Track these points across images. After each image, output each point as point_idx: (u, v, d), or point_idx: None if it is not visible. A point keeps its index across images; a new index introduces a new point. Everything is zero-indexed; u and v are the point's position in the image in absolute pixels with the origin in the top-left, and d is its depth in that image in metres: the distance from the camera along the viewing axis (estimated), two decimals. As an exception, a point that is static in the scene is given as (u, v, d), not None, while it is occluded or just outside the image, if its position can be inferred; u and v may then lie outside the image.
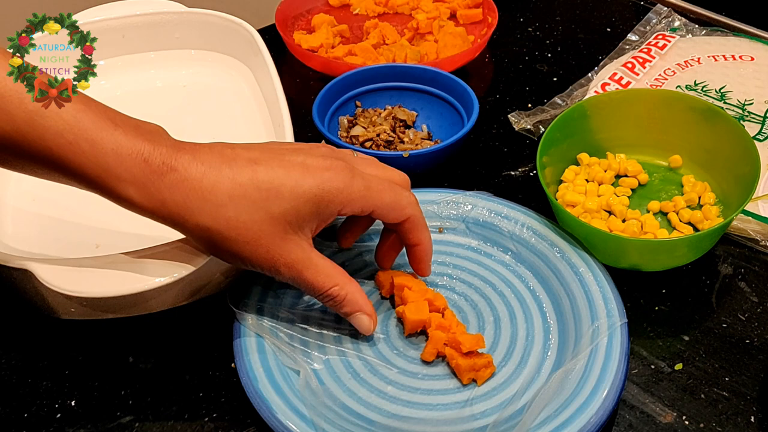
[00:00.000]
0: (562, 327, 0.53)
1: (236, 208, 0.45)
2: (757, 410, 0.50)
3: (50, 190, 0.64)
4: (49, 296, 0.51)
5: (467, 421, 0.48)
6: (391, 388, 0.51)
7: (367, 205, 0.49)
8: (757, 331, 0.55)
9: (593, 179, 0.64)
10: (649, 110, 0.65)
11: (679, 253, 0.57)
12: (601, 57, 0.81)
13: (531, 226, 0.59)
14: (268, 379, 0.49)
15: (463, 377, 0.50)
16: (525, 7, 0.91)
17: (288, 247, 0.47)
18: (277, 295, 0.55)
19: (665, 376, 0.53)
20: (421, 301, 0.53)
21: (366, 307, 0.51)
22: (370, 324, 0.51)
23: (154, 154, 0.44)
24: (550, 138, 0.62)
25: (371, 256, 0.58)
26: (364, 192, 0.48)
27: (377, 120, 0.71)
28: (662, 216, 0.63)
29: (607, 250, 0.57)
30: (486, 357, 0.51)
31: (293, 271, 0.48)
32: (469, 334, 0.52)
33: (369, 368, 0.52)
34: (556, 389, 0.48)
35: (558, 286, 0.55)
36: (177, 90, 0.75)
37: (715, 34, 0.81)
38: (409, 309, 0.53)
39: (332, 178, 0.47)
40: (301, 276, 0.48)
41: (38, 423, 0.51)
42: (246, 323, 0.52)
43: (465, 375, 0.50)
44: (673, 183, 0.65)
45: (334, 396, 0.50)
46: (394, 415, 0.49)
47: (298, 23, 0.88)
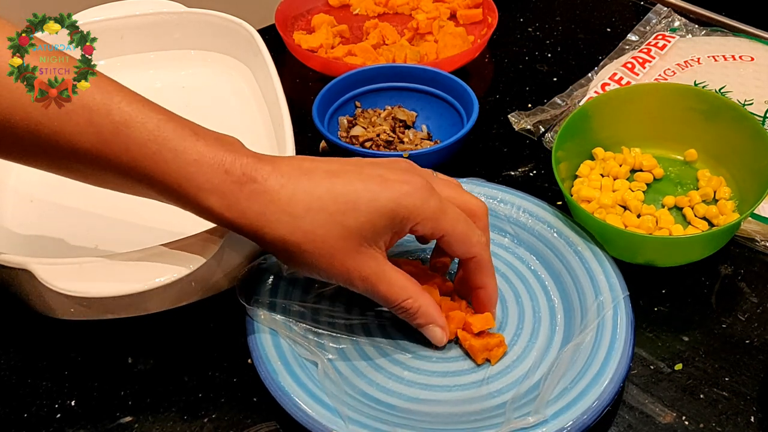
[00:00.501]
0: (567, 303, 0.55)
1: (313, 221, 0.45)
2: (756, 410, 0.50)
3: (50, 191, 0.64)
4: (49, 296, 0.51)
5: (486, 399, 0.50)
6: (407, 373, 0.52)
7: (438, 229, 0.48)
8: (756, 332, 0.55)
9: (608, 174, 0.64)
10: (663, 105, 0.65)
11: (695, 248, 0.58)
12: (601, 57, 0.81)
13: (527, 209, 0.60)
14: (287, 372, 0.49)
15: (477, 357, 0.52)
16: (525, 7, 0.91)
17: (362, 261, 0.47)
18: (287, 289, 0.55)
19: (665, 376, 0.53)
20: (430, 285, 0.54)
21: (439, 319, 0.51)
22: (443, 336, 0.51)
23: (234, 164, 0.45)
24: (565, 133, 0.62)
25: None
26: (438, 213, 0.47)
27: (377, 120, 0.71)
28: (677, 211, 0.63)
29: (623, 246, 0.57)
30: (498, 336, 0.52)
31: (368, 284, 0.48)
32: (479, 315, 0.53)
33: (383, 355, 0.53)
34: (568, 362, 0.50)
35: (559, 265, 0.57)
36: (176, 90, 0.75)
37: (715, 34, 0.81)
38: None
39: (409, 192, 0.46)
40: (375, 289, 0.48)
41: (38, 423, 0.51)
42: (258, 319, 0.52)
43: (479, 355, 0.52)
44: (689, 177, 0.65)
45: (353, 384, 0.51)
46: (414, 398, 0.50)
47: (298, 23, 0.88)
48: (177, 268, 0.49)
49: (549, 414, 0.46)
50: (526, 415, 0.46)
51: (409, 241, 0.60)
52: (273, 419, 0.50)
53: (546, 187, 0.67)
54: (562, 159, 0.61)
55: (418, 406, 0.50)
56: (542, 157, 0.70)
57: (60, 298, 0.51)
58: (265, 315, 0.52)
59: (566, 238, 0.57)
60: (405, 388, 0.51)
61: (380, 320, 0.55)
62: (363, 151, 0.65)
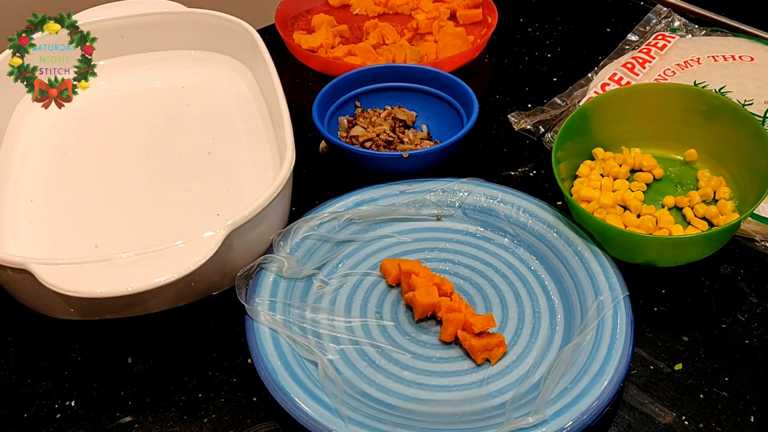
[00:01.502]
0: (567, 303, 0.55)
1: None
2: (756, 410, 0.50)
3: (49, 191, 0.64)
4: (49, 296, 0.51)
5: (486, 399, 0.50)
6: (407, 373, 0.52)
7: None
8: (756, 332, 0.55)
9: (608, 174, 0.64)
10: (663, 105, 0.65)
11: (695, 248, 0.58)
12: (600, 57, 0.81)
13: (526, 208, 0.60)
14: (287, 372, 0.49)
15: (477, 357, 0.52)
16: (525, 7, 0.91)
17: None
18: (287, 289, 0.55)
19: (665, 376, 0.53)
20: (429, 285, 0.54)
21: None
22: None
23: None
24: (565, 133, 0.62)
25: (376, 246, 0.60)
26: None
27: (377, 120, 0.71)
28: (677, 211, 0.63)
29: (623, 246, 0.57)
30: (498, 336, 0.52)
31: None
32: (480, 315, 0.53)
33: (383, 355, 0.53)
34: (568, 362, 0.50)
35: (559, 265, 0.57)
36: (176, 90, 0.75)
37: (715, 35, 0.81)
38: (419, 293, 0.54)
39: None
40: None
41: (38, 423, 0.51)
42: (258, 319, 0.52)
43: (479, 355, 0.52)
44: (689, 177, 0.65)
45: (352, 384, 0.51)
46: (414, 398, 0.50)
47: (298, 23, 0.88)
48: (177, 268, 0.49)
49: (549, 414, 0.46)
50: (526, 415, 0.46)
51: (408, 242, 0.61)
52: (273, 419, 0.50)
53: (546, 187, 0.67)
54: (561, 159, 0.61)
55: (418, 406, 0.50)
56: (542, 157, 0.70)
57: (60, 298, 0.51)
58: (265, 315, 0.52)
59: (566, 238, 0.57)
60: (405, 388, 0.51)
61: (380, 321, 0.55)
62: (363, 152, 0.65)
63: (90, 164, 0.66)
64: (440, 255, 0.60)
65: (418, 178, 0.63)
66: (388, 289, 0.57)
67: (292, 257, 0.57)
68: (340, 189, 0.63)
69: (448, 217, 0.62)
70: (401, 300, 0.56)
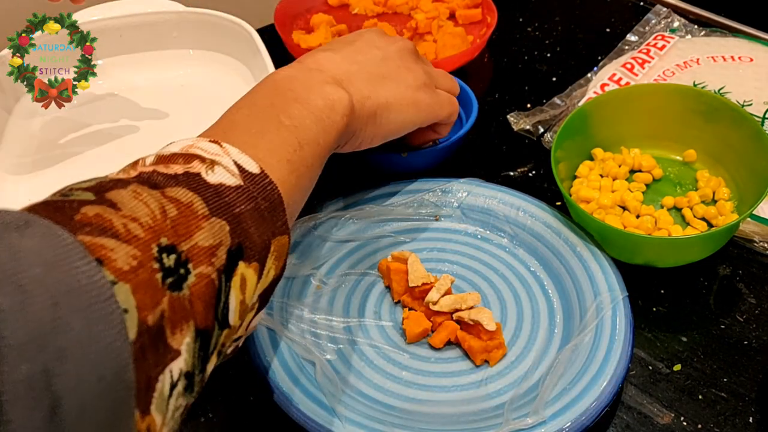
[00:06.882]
0: (566, 304, 0.55)
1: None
2: (755, 411, 0.50)
3: (48, 191, 0.64)
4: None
5: (484, 400, 0.50)
6: (405, 373, 0.52)
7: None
8: (755, 333, 0.55)
9: (607, 174, 0.64)
10: (663, 105, 0.65)
11: (694, 249, 0.58)
12: (600, 57, 0.81)
13: (525, 209, 0.60)
14: (285, 372, 0.49)
15: (476, 358, 0.52)
16: (524, 7, 0.91)
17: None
18: (286, 289, 0.55)
19: (663, 377, 0.53)
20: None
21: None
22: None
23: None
24: (564, 133, 0.62)
25: (374, 246, 0.60)
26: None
27: (376, 120, 0.71)
28: (676, 211, 0.63)
29: (622, 247, 0.57)
30: (498, 338, 0.52)
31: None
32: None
33: (382, 355, 0.53)
34: (567, 363, 0.50)
35: (558, 265, 0.57)
36: (175, 90, 0.75)
37: (715, 35, 0.81)
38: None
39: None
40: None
41: (37, 423, 0.51)
42: None
43: (478, 356, 0.52)
44: (688, 178, 0.65)
45: (350, 384, 0.51)
46: (412, 399, 0.50)
47: (297, 23, 0.88)
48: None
49: (548, 415, 0.46)
50: (525, 416, 0.46)
51: (407, 242, 0.61)
52: (270, 419, 0.50)
53: (545, 188, 0.67)
54: (561, 159, 0.61)
55: (416, 407, 0.50)
56: (541, 157, 0.70)
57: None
58: (263, 314, 0.52)
59: (565, 238, 0.57)
60: (403, 389, 0.51)
61: (378, 321, 0.55)
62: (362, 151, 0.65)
63: (90, 164, 0.66)
64: (438, 255, 0.60)
65: (416, 178, 0.63)
66: (387, 289, 0.58)
67: (290, 257, 0.57)
68: (338, 189, 0.63)
69: (447, 217, 0.62)
70: (401, 301, 0.56)
